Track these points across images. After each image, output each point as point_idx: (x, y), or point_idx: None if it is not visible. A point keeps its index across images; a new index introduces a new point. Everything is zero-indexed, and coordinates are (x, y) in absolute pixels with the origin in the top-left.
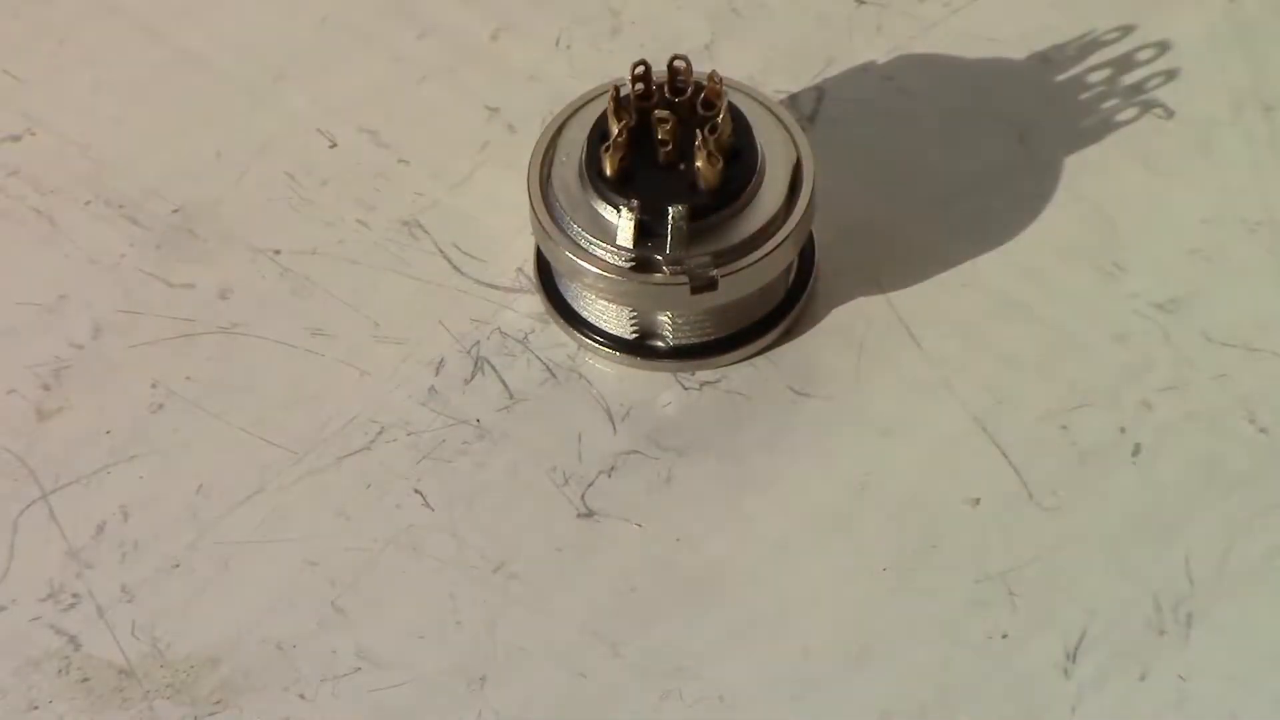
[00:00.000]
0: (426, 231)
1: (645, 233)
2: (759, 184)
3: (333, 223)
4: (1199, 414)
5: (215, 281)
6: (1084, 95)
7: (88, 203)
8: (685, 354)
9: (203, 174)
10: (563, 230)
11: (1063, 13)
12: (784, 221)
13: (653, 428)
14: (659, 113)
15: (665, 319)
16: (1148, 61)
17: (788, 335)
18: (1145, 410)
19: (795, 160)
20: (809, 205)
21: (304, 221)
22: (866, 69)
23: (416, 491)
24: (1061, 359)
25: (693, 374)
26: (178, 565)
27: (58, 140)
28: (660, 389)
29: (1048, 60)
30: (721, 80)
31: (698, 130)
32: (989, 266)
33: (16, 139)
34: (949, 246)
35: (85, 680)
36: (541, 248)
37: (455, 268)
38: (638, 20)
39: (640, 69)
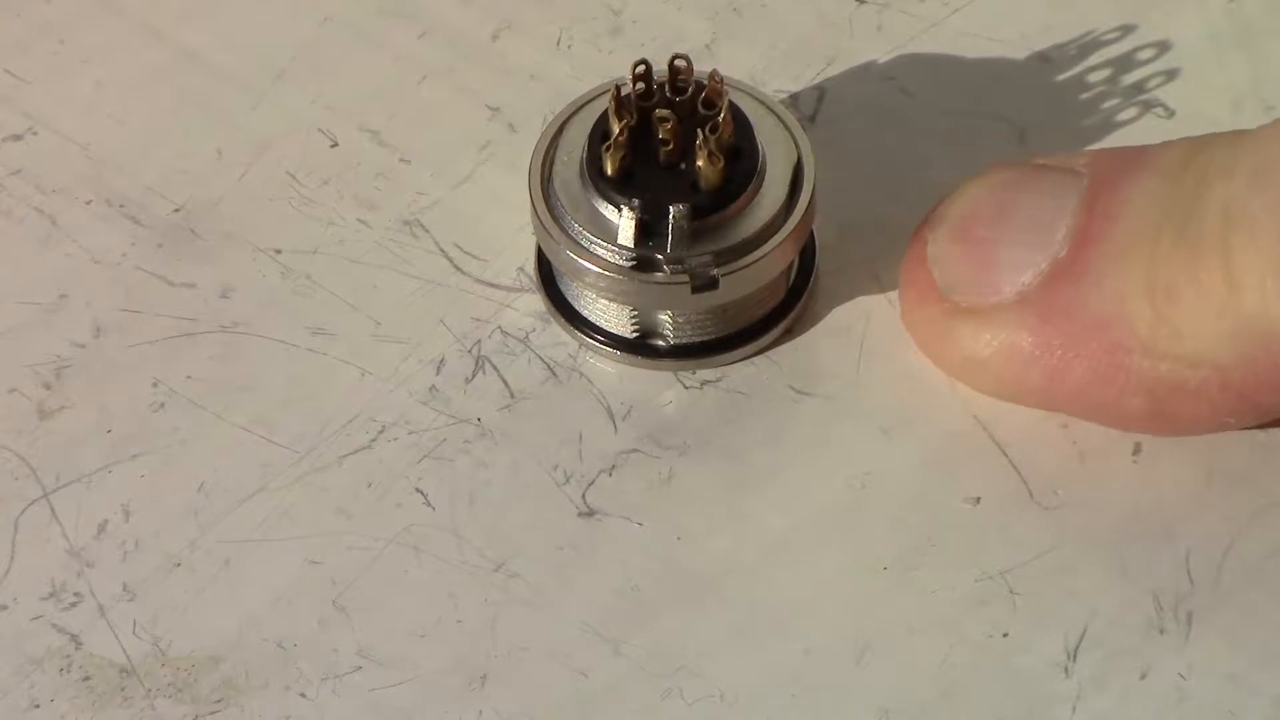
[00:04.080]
0: (427, 231)
1: (646, 232)
2: (760, 183)
3: (334, 222)
4: None
5: (216, 281)
6: (1084, 95)
7: (89, 202)
8: (686, 353)
9: (204, 173)
10: (564, 229)
11: (1063, 13)
12: (785, 221)
13: (654, 426)
14: (660, 112)
15: (666, 318)
16: (1148, 61)
17: (788, 334)
18: None
19: (796, 160)
20: (810, 204)
21: (305, 221)
22: (867, 69)
23: (417, 490)
24: None
25: (693, 373)
26: (179, 564)
27: (59, 140)
28: (661, 388)
29: (1048, 60)
30: (722, 80)
31: (698, 130)
32: None
33: (18, 138)
34: None
35: (87, 679)
36: (542, 247)
37: (456, 267)
38: (638, 20)
39: (641, 68)
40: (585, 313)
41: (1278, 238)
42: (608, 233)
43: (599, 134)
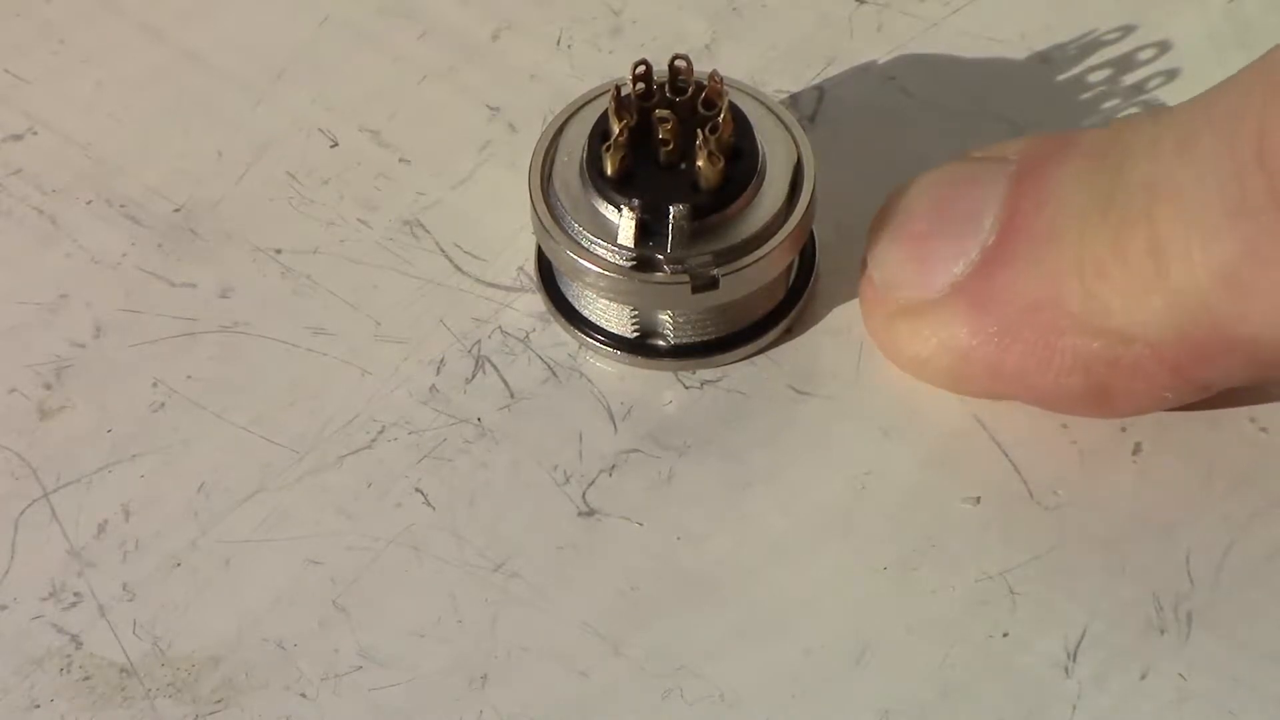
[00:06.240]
0: (428, 231)
1: (646, 232)
2: (760, 184)
3: (334, 222)
4: (1199, 413)
5: (216, 281)
6: (1084, 95)
7: (89, 202)
8: (686, 353)
9: (204, 173)
10: (564, 229)
11: (1063, 13)
12: (785, 221)
13: (654, 426)
14: (660, 112)
15: (666, 318)
16: (1148, 61)
17: (789, 334)
18: None
19: (796, 160)
20: (810, 205)
21: (305, 221)
22: (867, 69)
23: (418, 490)
24: None
25: (694, 373)
26: (179, 564)
27: (59, 140)
28: (661, 388)
29: (1048, 60)
30: (722, 80)
31: (698, 130)
32: None
33: (18, 138)
34: None
35: (87, 679)
36: (542, 247)
37: (456, 267)
38: (638, 20)
39: (641, 68)
40: (585, 313)
41: (1202, 208)
42: (608, 233)
43: (599, 134)
